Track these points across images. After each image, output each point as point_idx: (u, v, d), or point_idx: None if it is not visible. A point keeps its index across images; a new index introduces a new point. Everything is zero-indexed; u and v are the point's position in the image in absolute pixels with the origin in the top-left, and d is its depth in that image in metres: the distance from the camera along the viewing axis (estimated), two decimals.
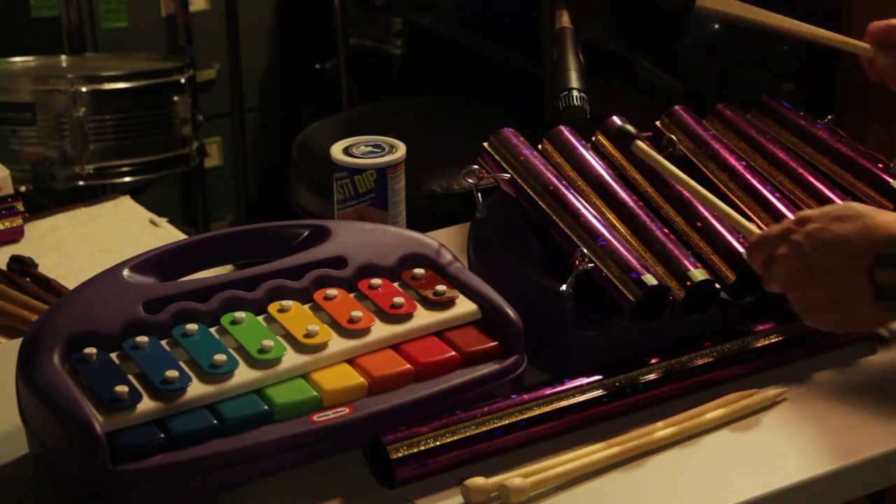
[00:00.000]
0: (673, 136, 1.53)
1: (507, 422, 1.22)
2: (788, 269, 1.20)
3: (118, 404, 1.15)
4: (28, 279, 1.91)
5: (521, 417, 1.23)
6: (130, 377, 1.19)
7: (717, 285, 1.34)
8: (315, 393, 1.21)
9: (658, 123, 1.58)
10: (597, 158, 1.47)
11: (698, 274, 1.32)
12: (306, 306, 1.30)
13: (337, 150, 1.50)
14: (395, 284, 1.34)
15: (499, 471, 1.18)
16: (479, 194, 1.47)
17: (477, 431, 1.20)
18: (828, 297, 1.18)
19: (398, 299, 1.30)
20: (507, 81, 2.93)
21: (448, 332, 1.29)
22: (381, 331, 1.28)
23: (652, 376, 1.29)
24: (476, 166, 1.47)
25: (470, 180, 1.46)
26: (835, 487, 1.21)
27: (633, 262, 1.32)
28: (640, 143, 1.42)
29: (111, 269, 1.30)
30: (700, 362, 1.32)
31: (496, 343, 1.28)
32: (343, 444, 1.20)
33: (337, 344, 1.25)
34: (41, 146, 2.65)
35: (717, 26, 2.24)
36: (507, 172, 1.47)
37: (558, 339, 1.33)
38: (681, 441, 1.24)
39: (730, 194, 1.46)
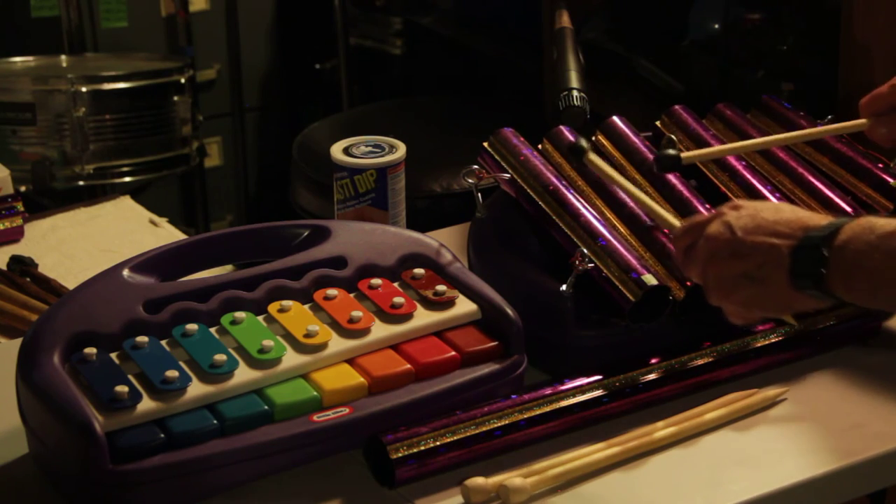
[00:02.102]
0: (673, 136, 1.53)
1: (507, 422, 1.22)
2: (714, 245, 1.20)
3: (118, 404, 1.15)
4: (28, 279, 1.91)
5: (521, 417, 1.23)
6: (130, 377, 1.19)
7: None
8: (315, 393, 1.21)
9: (658, 123, 1.58)
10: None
11: None
12: (306, 306, 1.30)
13: (337, 150, 1.50)
14: (395, 284, 1.34)
15: (499, 471, 1.18)
16: (479, 194, 1.47)
17: (477, 431, 1.20)
18: (745, 273, 1.19)
19: (398, 299, 1.30)
20: (507, 81, 2.93)
21: (448, 332, 1.29)
22: (381, 331, 1.28)
23: (652, 376, 1.29)
24: (476, 166, 1.47)
25: (470, 180, 1.46)
26: (835, 487, 1.21)
27: (633, 262, 1.32)
28: (592, 156, 1.42)
29: (111, 269, 1.30)
30: (700, 362, 1.32)
31: (496, 343, 1.28)
32: (343, 444, 1.20)
33: (337, 344, 1.25)
34: (41, 146, 2.64)
35: (717, 26, 2.24)
36: (507, 172, 1.47)
37: (558, 339, 1.33)
38: (681, 441, 1.24)
39: (730, 194, 1.46)
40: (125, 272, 1.30)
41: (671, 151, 1.41)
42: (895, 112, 1.43)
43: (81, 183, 2.67)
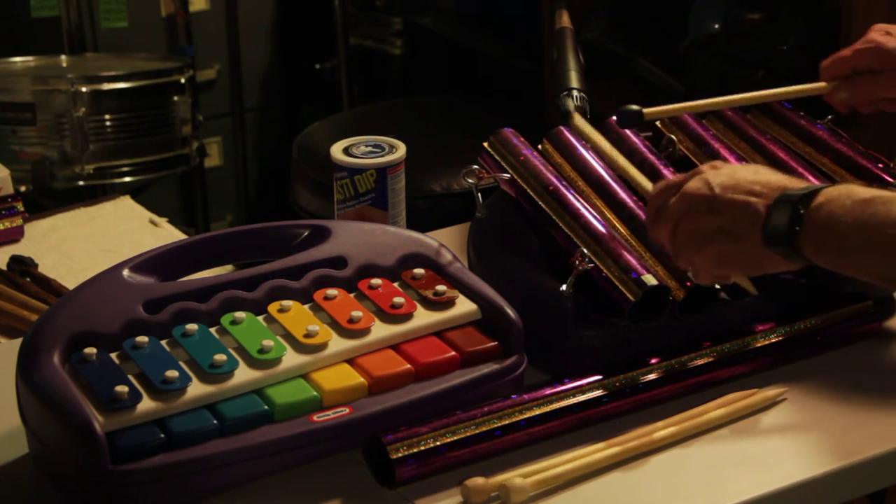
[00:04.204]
0: (673, 136, 1.53)
1: (507, 422, 1.22)
2: (691, 200, 1.20)
3: (118, 404, 1.15)
4: (28, 279, 1.91)
5: (521, 417, 1.23)
6: (130, 377, 1.19)
7: (717, 285, 1.34)
8: (315, 393, 1.21)
9: (658, 123, 1.58)
10: (597, 158, 1.47)
11: None
12: (306, 306, 1.30)
13: (337, 150, 1.51)
14: (395, 284, 1.34)
15: (499, 471, 1.18)
16: (479, 194, 1.47)
17: (477, 431, 1.20)
18: (719, 228, 1.19)
19: (398, 299, 1.30)
20: (507, 81, 2.93)
21: (448, 332, 1.29)
22: (381, 331, 1.28)
23: (652, 376, 1.29)
24: (476, 166, 1.47)
25: (470, 180, 1.46)
26: (835, 487, 1.21)
27: (633, 262, 1.32)
28: (577, 119, 1.43)
29: (111, 269, 1.30)
30: (700, 362, 1.32)
31: (496, 343, 1.28)
32: (343, 444, 1.20)
33: (337, 344, 1.25)
34: (41, 146, 2.64)
35: (717, 26, 2.24)
36: (507, 172, 1.47)
37: (558, 339, 1.33)
38: (681, 441, 1.24)
39: None
40: (125, 272, 1.30)
41: (632, 107, 1.41)
42: (856, 76, 1.45)
43: (81, 183, 2.67)
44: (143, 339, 1.23)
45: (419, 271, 1.35)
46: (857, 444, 1.23)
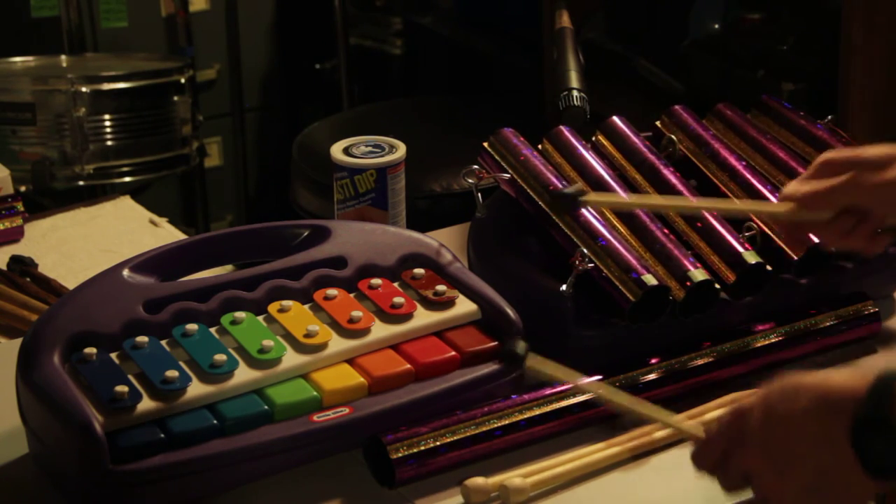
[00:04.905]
0: (673, 136, 1.53)
1: (507, 422, 1.22)
2: (751, 466, 1.05)
3: (118, 404, 1.15)
4: (28, 279, 1.91)
5: (521, 417, 1.23)
6: (130, 377, 1.19)
7: (717, 285, 1.34)
8: (315, 393, 1.21)
9: (658, 123, 1.58)
10: (597, 158, 1.47)
11: (698, 274, 1.32)
12: (306, 306, 1.30)
13: (337, 150, 1.51)
14: (395, 284, 1.34)
15: (499, 471, 1.18)
16: (479, 194, 1.47)
17: (477, 431, 1.20)
18: (805, 487, 1.02)
19: (398, 299, 1.30)
20: (507, 81, 2.93)
21: (448, 332, 1.29)
22: (381, 331, 1.28)
23: (652, 376, 1.29)
24: (476, 166, 1.47)
25: (470, 180, 1.46)
26: None
27: (633, 262, 1.32)
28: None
29: (111, 269, 1.30)
30: (700, 362, 1.32)
31: (496, 343, 1.28)
32: (343, 444, 1.20)
33: (337, 344, 1.25)
34: (41, 146, 2.64)
35: (717, 26, 2.24)
36: (507, 172, 1.47)
37: (558, 339, 1.33)
38: (680, 441, 1.24)
39: (730, 194, 1.46)
40: (125, 272, 1.30)
41: (572, 190, 1.35)
42: (842, 217, 1.21)
43: (81, 183, 2.67)
44: (143, 339, 1.23)
45: (419, 271, 1.35)
46: None
